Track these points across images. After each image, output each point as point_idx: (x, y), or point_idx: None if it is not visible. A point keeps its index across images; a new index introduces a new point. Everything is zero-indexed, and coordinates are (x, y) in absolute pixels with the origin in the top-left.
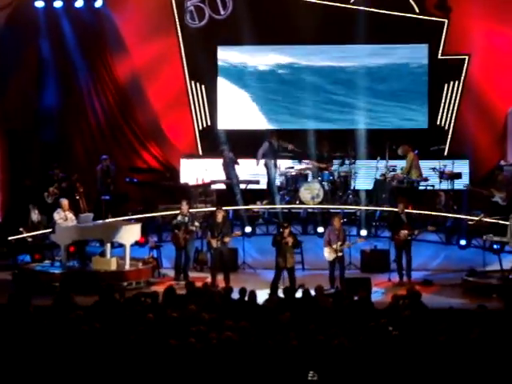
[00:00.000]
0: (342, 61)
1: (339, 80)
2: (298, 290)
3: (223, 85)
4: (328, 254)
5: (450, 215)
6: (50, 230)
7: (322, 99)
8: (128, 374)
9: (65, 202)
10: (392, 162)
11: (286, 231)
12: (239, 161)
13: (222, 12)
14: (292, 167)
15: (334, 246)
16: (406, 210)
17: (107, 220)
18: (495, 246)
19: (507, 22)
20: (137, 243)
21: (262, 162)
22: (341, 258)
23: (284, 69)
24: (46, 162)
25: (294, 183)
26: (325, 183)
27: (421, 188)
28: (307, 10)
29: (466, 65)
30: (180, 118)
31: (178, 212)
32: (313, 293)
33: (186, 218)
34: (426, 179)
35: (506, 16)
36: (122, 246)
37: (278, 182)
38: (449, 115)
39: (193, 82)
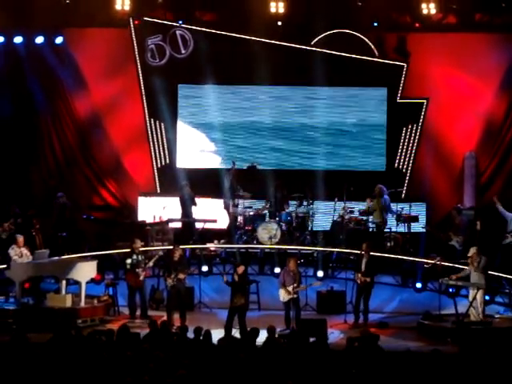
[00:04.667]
0: (300, 102)
1: (298, 121)
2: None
3: (183, 123)
4: (283, 296)
5: (406, 258)
6: (4, 266)
7: (280, 139)
8: None
9: (20, 238)
10: (350, 204)
11: (239, 269)
12: (197, 200)
13: (183, 51)
14: (250, 207)
15: (289, 288)
16: (371, 253)
17: (63, 257)
18: (451, 290)
19: (465, 66)
20: (92, 280)
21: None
22: (296, 299)
23: (243, 109)
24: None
25: (251, 223)
26: (282, 224)
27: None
28: (268, 51)
29: (424, 108)
30: (139, 155)
31: (130, 250)
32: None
33: (140, 257)
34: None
35: (463, 61)
36: (77, 283)
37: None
38: (406, 158)
39: (152, 120)
